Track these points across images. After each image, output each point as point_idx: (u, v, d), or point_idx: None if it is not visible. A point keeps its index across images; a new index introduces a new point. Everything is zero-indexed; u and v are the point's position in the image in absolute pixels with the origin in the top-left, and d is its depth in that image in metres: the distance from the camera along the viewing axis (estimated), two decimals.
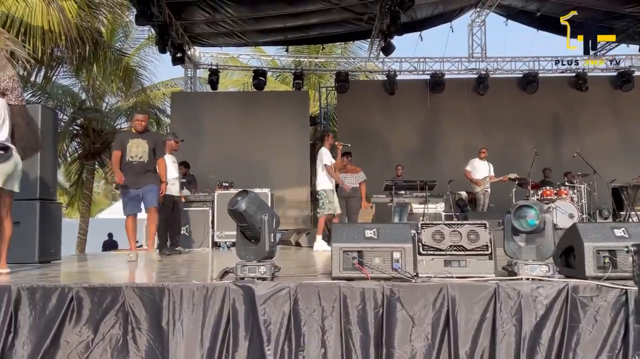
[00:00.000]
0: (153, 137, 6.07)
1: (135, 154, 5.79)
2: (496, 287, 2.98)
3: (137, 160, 5.78)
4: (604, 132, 12.31)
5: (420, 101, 12.85)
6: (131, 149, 5.79)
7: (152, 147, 5.88)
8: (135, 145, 5.81)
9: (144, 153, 5.80)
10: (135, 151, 5.80)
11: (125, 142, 5.83)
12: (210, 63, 12.96)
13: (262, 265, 3.10)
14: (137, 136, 5.88)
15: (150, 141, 5.89)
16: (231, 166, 10.95)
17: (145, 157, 5.81)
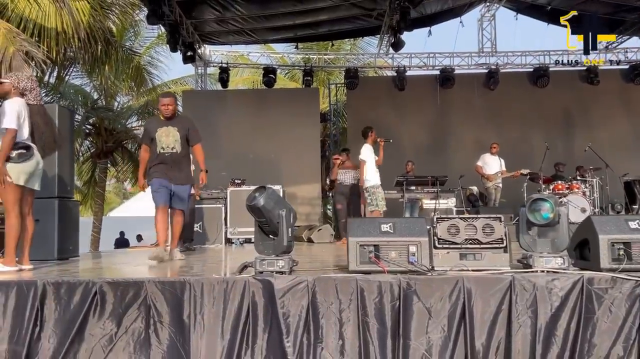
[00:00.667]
0: (184, 122, 5.32)
1: (167, 145, 5.13)
2: (512, 279, 3.02)
3: (169, 151, 5.13)
4: (616, 126, 12.25)
5: (431, 96, 12.86)
6: (161, 139, 5.14)
7: (184, 134, 5.19)
8: (164, 134, 5.15)
9: (176, 142, 5.13)
10: (165, 140, 5.14)
11: (153, 132, 5.17)
12: (220, 61, 13.05)
13: (280, 259, 3.16)
14: (165, 123, 5.18)
15: (181, 127, 5.19)
16: (243, 163, 11.05)
17: (178, 147, 5.15)
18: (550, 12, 12.08)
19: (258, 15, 11.15)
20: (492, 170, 10.13)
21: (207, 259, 5.62)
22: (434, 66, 13.09)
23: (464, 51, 13.12)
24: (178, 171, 5.18)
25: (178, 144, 5.15)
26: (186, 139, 5.22)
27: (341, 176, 8.40)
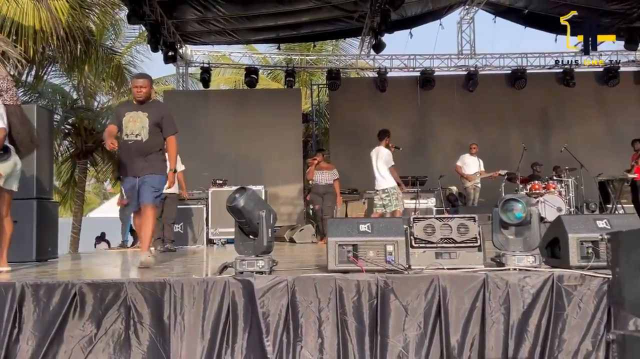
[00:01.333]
0: (157, 109, 4.60)
1: (131, 131, 4.38)
2: (485, 277, 3.11)
3: (133, 139, 4.38)
4: (591, 127, 12.52)
5: (411, 97, 13.01)
6: (127, 124, 4.40)
7: (156, 122, 4.43)
8: (132, 119, 4.40)
9: (142, 129, 4.39)
10: (131, 126, 4.38)
11: (122, 116, 4.47)
12: (202, 61, 13.01)
13: (260, 259, 3.21)
14: (136, 107, 4.49)
15: (152, 113, 4.44)
16: (225, 164, 11.05)
17: (144, 135, 4.39)
18: (527, 15, 12.32)
19: (240, 15, 11.16)
20: (471, 170, 10.29)
21: (188, 260, 5.63)
22: (414, 68, 13.23)
23: (444, 53, 13.30)
24: (143, 161, 4.42)
25: (145, 131, 4.38)
26: (158, 128, 4.47)
27: (317, 177, 8.44)
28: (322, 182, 8.44)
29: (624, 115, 12.65)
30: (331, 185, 8.50)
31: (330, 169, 8.69)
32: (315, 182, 8.46)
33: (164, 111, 4.66)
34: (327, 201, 8.42)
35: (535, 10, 12.15)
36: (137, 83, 4.54)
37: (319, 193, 8.42)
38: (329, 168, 8.75)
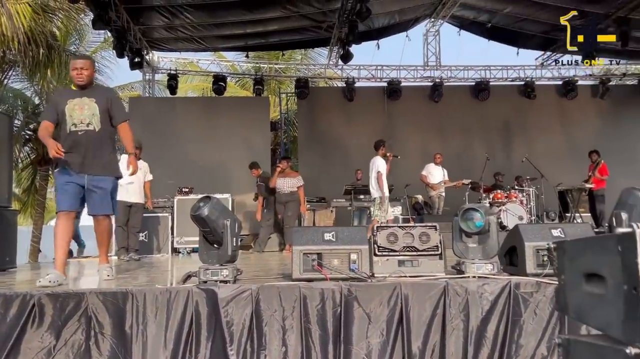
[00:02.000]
0: (104, 93, 4.12)
1: (80, 120, 3.84)
2: (445, 285, 3.19)
3: (84, 128, 3.84)
4: (551, 138, 12.93)
5: (379, 107, 13.19)
6: (73, 113, 3.84)
7: (105, 108, 3.93)
8: (78, 107, 3.86)
9: (93, 117, 3.86)
10: (78, 115, 3.84)
11: (62, 104, 3.86)
12: (169, 68, 12.90)
13: (224, 268, 3.21)
14: (78, 93, 3.93)
15: (99, 98, 3.93)
16: (191, 172, 10.94)
17: (96, 124, 3.86)
18: (490, 29, 12.67)
19: (208, 23, 11.11)
20: (435, 179, 10.48)
21: (151, 269, 5.56)
22: (381, 78, 13.42)
23: (410, 64, 13.53)
24: (95, 157, 3.89)
25: (96, 119, 3.87)
26: (108, 115, 3.96)
27: (280, 184, 8.43)
28: (285, 190, 8.40)
29: (582, 127, 13.12)
30: (294, 193, 8.47)
31: (294, 176, 8.69)
32: (278, 190, 8.43)
33: (111, 95, 4.18)
34: (288, 210, 8.37)
35: (498, 24, 12.52)
36: (77, 64, 3.90)
37: (281, 201, 8.39)
38: (293, 175, 8.75)
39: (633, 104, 13.39)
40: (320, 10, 10.84)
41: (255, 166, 9.00)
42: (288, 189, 8.40)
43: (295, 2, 10.33)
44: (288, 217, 8.33)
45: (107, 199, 3.99)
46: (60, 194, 3.87)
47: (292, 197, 8.42)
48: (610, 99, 13.28)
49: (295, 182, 8.57)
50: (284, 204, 8.36)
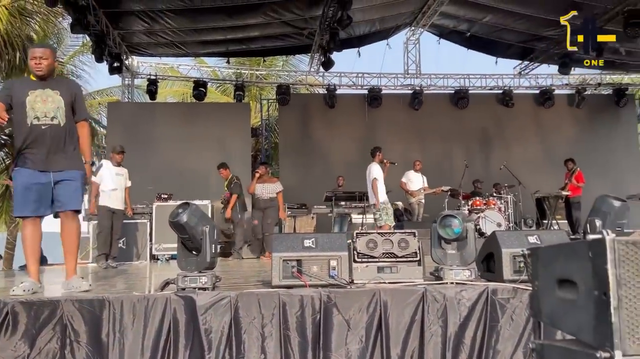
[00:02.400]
0: (68, 85, 3.81)
1: (43, 114, 3.54)
2: (424, 291, 3.21)
3: (48, 123, 3.55)
4: (528, 146, 13.14)
5: (359, 114, 13.26)
6: (35, 105, 3.54)
7: (70, 101, 3.67)
8: (41, 99, 3.56)
9: (58, 111, 3.59)
10: (41, 107, 3.55)
11: (22, 95, 3.56)
12: (149, 73, 12.81)
13: (203, 276, 3.19)
14: (40, 84, 3.62)
15: (64, 91, 3.66)
16: (170, 178, 10.83)
17: (61, 118, 3.59)
18: (469, 38, 12.87)
19: (188, 28, 11.09)
20: (415, 186, 10.55)
21: (129, 276, 5.49)
22: (362, 86, 13.51)
23: (391, 72, 13.67)
24: (60, 152, 3.60)
25: (61, 113, 3.59)
26: (72, 109, 3.70)
27: (259, 191, 8.39)
28: (264, 197, 8.35)
29: (559, 135, 13.37)
30: (274, 199, 8.43)
31: (273, 183, 8.64)
32: (257, 196, 8.38)
33: (76, 89, 3.85)
34: (267, 216, 8.31)
35: (477, 33, 12.72)
36: (35, 53, 3.60)
37: (259, 208, 8.34)
38: (273, 181, 8.71)
39: (608, 113, 13.70)
40: (302, 17, 10.89)
41: (224, 166, 8.78)
42: (267, 196, 8.36)
43: (276, 9, 10.37)
44: (268, 225, 8.29)
45: (78, 193, 3.64)
46: (21, 197, 3.53)
47: (272, 203, 8.39)
48: (586, 108, 13.57)
49: (275, 188, 8.54)
50: (263, 210, 8.31)
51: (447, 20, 12.58)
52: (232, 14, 10.53)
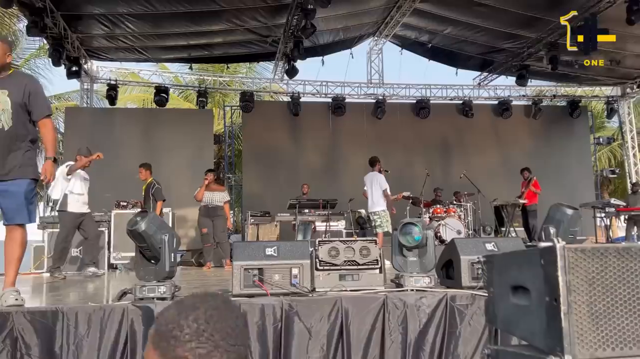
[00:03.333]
0: (20, 82, 3.44)
1: None
2: (385, 298, 3.24)
3: None
4: (487, 155, 13.47)
5: (323, 122, 13.32)
6: None
7: (21, 101, 3.36)
8: None
9: (3, 113, 3.31)
10: None
11: None
12: (108, 78, 12.51)
13: (162, 285, 3.12)
14: None
15: (15, 89, 3.35)
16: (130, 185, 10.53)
17: (6, 121, 3.31)
18: (431, 49, 13.13)
19: (150, 33, 10.90)
20: None
21: (86, 286, 5.32)
22: (326, 94, 13.59)
23: (354, 81, 13.80)
24: (5, 158, 3.32)
25: (7, 116, 3.30)
26: (25, 110, 3.41)
27: (207, 198, 8.26)
28: (212, 204, 8.21)
29: (516, 145, 13.77)
30: (221, 208, 8.29)
31: (222, 191, 8.52)
32: (205, 203, 8.23)
33: (31, 84, 3.48)
34: (218, 224, 8.17)
35: (438, 44, 12.99)
36: None
37: (208, 215, 8.20)
38: (221, 189, 8.58)
39: (562, 124, 14.19)
40: (266, 25, 10.88)
41: (147, 166, 8.30)
42: (215, 203, 8.20)
43: (239, 16, 10.32)
44: (222, 234, 8.17)
45: (22, 205, 3.34)
46: None
47: (221, 212, 8.25)
48: (542, 119, 14.01)
49: (224, 196, 8.41)
50: (212, 218, 8.16)
51: (409, 31, 12.80)
52: (195, 20, 10.42)
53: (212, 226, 8.07)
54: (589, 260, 1.30)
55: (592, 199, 12.84)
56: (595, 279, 1.29)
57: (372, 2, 11.17)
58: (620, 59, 12.61)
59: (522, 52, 12.11)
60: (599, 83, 14.27)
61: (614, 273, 1.30)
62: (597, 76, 13.74)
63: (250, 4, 9.90)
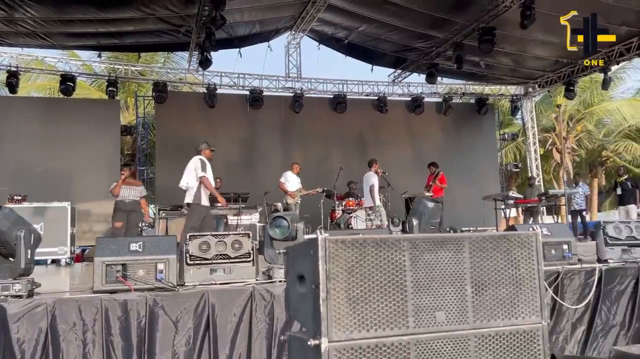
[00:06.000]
0: None
1: None
2: (252, 290, 3.31)
3: None
4: (400, 150, 13.94)
5: (241, 115, 13.25)
6: None
7: None
8: None
9: None
10: None
11: None
12: (9, 64, 11.76)
13: (17, 283, 3.02)
14: None
15: None
16: (28, 178, 10.05)
17: None
18: (347, 45, 13.37)
19: (53, 19, 10.35)
20: (293, 187, 10.76)
21: None
22: (244, 86, 13.50)
23: (272, 75, 13.79)
24: None
25: None
26: None
27: (124, 193, 8.09)
28: (129, 199, 8.09)
29: (427, 140, 14.34)
30: (137, 202, 8.21)
31: (138, 185, 8.41)
32: (121, 198, 8.08)
33: None
34: (132, 220, 8.07)
35: (354, 41, 13.24)
36: None
37: (124, 210, 8.04)
38: (137, 184, 8.46)
39: (471, 120, 14.92)
40: (178, 14, 10.62)
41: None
42: (131, 199, 8.08)
43: (149, 5, 10.01)
44: (134, 228, 8.02)
45: None
46: None
47: (136, 207, 8.14)
48: (452, 115, 14.67)
49: (140, 191, 8.31)
50: (128, 213, 8.01)
51: (326, 27, 12.96)
52: (102, 7, 10.00)
53: (126, 221, 7.90)
54: (349, 250, 1.41)
55: (497, 191, 13.61)
56: (354, 267, 1.41)
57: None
58: (522, 61, 13.47)
59: (431, 52, 12.59)
60: (505, 82, 15.10)
61: (372, 261, 1.42)
62: (503, 76, 14.55)
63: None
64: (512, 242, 1.54)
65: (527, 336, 1.50)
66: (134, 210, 8.11)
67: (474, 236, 1.49)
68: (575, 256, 4.01)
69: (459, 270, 1.46)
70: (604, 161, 21.12)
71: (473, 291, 1.46)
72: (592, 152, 21.17)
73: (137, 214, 8.13)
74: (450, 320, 1.44)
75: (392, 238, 1.43)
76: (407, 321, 1.40)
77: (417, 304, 1.41)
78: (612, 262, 4.11)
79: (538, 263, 1.54)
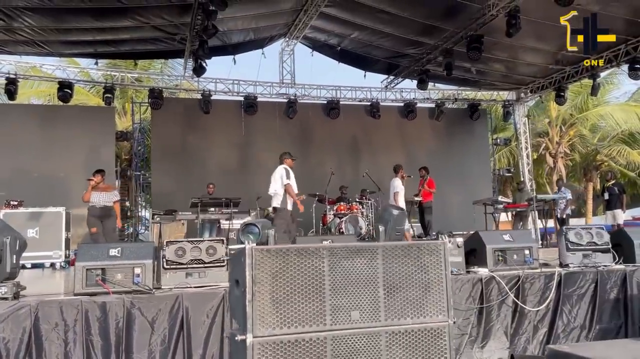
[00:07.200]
0: None
1: None
2: (224, 293, 3.51)
3: None
4: (392, 155, 14.05)
5: (235, 121, 13.47)
6: None
7: None
8: None
9: None
10: None
11: None
12: (7, 72, 12.02)
13: (3, 286, 3.24)
14: None
15: None
16: (26, 184, 10.29)
17: None
18: (340, 52, 13.59)
19: (51, 28, 10.60)
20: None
21: None
22: (238, 92, 13.71)
23: (267, 81, 14.02)
24: None
25: None
26: None
27: (95, 198, 8.21)
28: (100, 204, 8.19)
29: (420, 145, 14.54)
30: (110, 208, 8.30)
31: (109, 191, 8.50)
32: (93, 204, 8.18)
33: None
34: (108, 225, 8.18)
35: (347, 47, 13.46)
36: None
37: (96, 216, 8.16)
38: (110, 189, 8.57)
39: (463, 126, 15.12)
40: (172, 22, 10.85)
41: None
42: (103, 204, 8.19)
43: (144, 14, 10.25)
44: (112, 233, 8.18)
45: None
46: None
47: (109, 212, 8.25)
48: (444, 121, 14.87)
49: (112, 196, 8.40)
50: (101, 218, 8.15)
51: (319, 34, 13.18)
52: (99, 16, 10.25)
53: (101, 226, 8.04)
54: (273, 258, 1.63)
55: (490, 196, 13.79)
56: (278, 273, 1.62)
57: (281, 4, 11.44)
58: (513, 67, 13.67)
59: (422, 58, 12.80)
60: (497, 88, 15.29)
61: (294, 267, 1.64)
62: (495, 81, 14.74)
63: (154, 2, 9.89)
64: (422, 250, 1.74)
65: (434, 333, 1.70)
66: (106, 215, 8.19)
67: (387, 244, 1.69)
68: (537, 261, 4.21)
69: (372, 275, 1.66)
70: (599, 165, 21.28)
71: (385, 293, 1.66)
72: (587, 157, 21.33)
73: (111, 219, 8.23)
74: (364, 318, 1.64)
75: (313, 247, 1.64)
76: (325, 319, 1.61)
77: (334, 304, 1.62)
78: (572, 266, 4.31)
79: (445, 269, 1.74)
